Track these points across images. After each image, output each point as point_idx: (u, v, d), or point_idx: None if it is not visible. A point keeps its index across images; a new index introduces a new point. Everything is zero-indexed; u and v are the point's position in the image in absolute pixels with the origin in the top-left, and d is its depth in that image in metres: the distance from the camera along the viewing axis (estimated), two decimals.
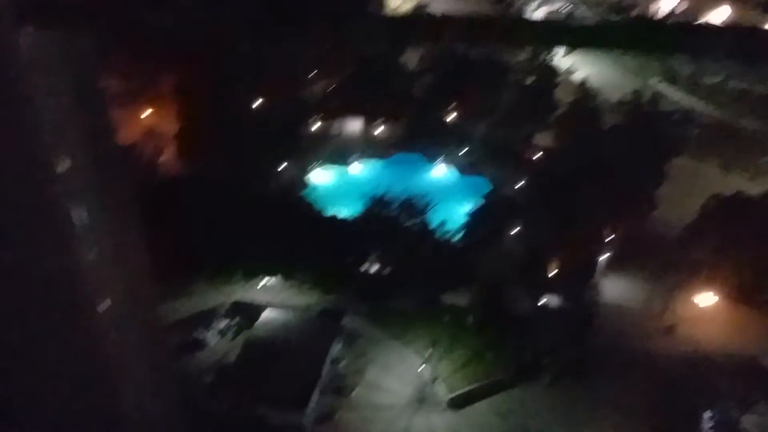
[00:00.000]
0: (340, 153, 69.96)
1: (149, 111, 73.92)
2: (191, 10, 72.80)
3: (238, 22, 71.18)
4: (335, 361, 48.70)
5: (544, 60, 68.90)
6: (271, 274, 53.73)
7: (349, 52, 74.95)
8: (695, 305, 51.34)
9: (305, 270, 53.13)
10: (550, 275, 52.34)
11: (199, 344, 49.97)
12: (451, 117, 72.60)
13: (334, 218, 55.62)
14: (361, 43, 75.01)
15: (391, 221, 51.66)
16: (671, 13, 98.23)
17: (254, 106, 71.07)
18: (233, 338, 50.54)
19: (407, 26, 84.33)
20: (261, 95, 71.31)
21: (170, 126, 66.65)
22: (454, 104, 71.64)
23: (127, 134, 71.16)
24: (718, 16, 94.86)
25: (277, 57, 71.40)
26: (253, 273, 53.77)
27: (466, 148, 69.84)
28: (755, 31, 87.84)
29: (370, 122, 73.28)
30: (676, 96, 78.03)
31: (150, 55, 73.25)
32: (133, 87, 78.25)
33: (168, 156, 67.08)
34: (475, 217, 53.54)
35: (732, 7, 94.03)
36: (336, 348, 49.23)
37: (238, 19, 71.65)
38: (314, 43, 73.32)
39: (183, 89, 66.74)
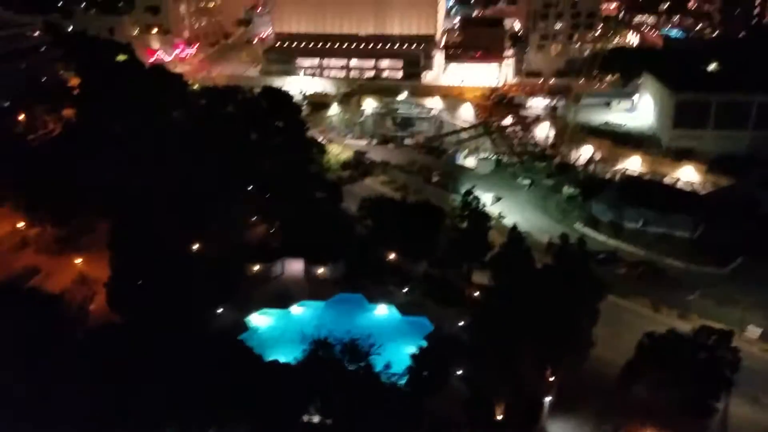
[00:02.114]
0: (280, 295, 69.30)
1: (81, 258, 72.64)
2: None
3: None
4: None
5: (476, 206, 72.62)
6: (206, 424, 50.28)
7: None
8: None
9: (244, 420, 50.07)
10: (497, 418, 51.48)
11: None
12: (391, 257, 74.15)
13: (274, 363, 53.67)
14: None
15: (334, 365, 50.27)
16: (590, 161, 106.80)
17: (192, 249, 70.70)
18: None
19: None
20: (199, 238, 71.23)
21: (102, 272, 64.86)
22: (393, 245, 73.53)
23: (58, 281, 69.20)
24: (631, 164, 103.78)
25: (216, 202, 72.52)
26: (187, 424, 50.19)
27: (407, 288, 70.79)
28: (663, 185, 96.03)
29: (311, 263, 73.70)
30: (600, 238, 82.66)
31: (83, 202, 73.44)
32: (66, 233, 77.53)
33: (99, 304, 64.73)
34: (419, 359, 52.92)
35: (642, 157, 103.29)
36: None
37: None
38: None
39: (116, 235, 65.85)
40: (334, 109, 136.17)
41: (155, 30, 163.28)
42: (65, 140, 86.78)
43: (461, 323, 63.16)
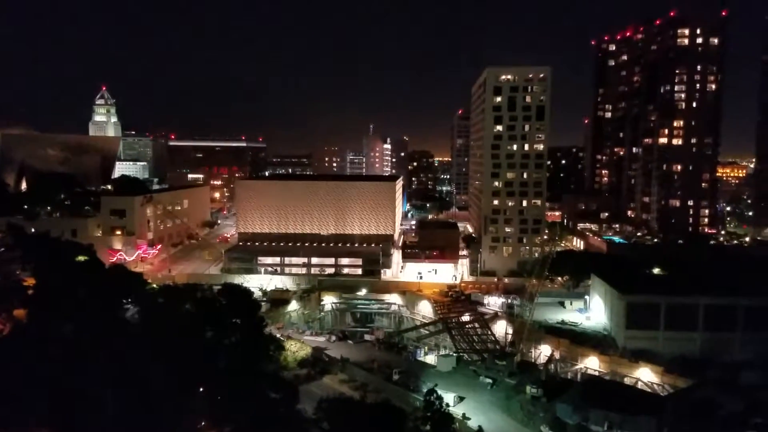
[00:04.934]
0: None
1: None
2: None
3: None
4: None
5: (439, 407, 70.33)
6: None
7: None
8: None
9: None
10: None
11: None
12: None
13: None
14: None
15: None
16: (550, 359, 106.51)
17: None
18: None
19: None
20: None
21: None
22: None
23: None
24: (590, 363, 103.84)
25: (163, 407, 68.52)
26: None
27: None
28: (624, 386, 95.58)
29: None
30: None
31: (24, 407, 68.73)
32: None
33: None
34: None
35: (600, 357, 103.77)
36: None
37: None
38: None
39: None
40: (294, 305, 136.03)
41: (119, 232, 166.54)
42: (12, 342, 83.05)
43: None
